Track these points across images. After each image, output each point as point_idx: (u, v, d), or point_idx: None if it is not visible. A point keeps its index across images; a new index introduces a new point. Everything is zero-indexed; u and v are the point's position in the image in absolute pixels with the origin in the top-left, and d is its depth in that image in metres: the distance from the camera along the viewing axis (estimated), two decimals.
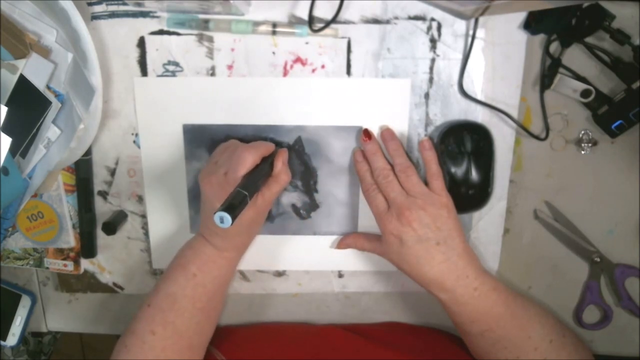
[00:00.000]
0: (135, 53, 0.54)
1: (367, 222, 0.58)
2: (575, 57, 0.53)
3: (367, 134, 0.54)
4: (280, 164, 0.51)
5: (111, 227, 0.56)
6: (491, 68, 0.53)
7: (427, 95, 0.55)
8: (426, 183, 0.51)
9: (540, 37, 0.53)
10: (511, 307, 0.50)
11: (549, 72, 0.53)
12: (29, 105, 0.51)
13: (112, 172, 0.58)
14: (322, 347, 0.57)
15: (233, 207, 0.42)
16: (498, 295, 0.50)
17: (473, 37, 0.52)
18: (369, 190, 0.52)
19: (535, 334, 0.51)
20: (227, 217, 0.41)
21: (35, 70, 0.50)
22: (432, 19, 0.52)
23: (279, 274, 0.61)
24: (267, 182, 0.51)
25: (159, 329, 0.51)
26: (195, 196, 0.58)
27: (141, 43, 0.53)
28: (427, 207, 0.48)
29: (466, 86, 0.54)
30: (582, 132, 0.56)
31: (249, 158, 0.47)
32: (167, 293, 0.52)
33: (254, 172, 0.48)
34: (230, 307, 0.63)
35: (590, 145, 0.56)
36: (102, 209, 0.59)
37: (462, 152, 0.53)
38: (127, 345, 0.51)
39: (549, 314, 0.54)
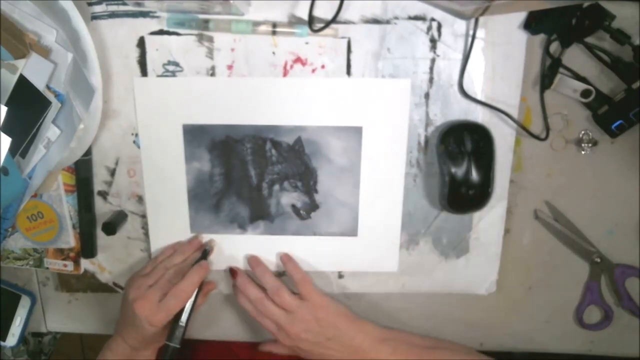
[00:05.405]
0: (135, 53, 0.54)
1: (367, 222, 0.58)
2: (575, 57, 0.53)
3: (232, 272, 0.59)
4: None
5: (111, 227, 0.56)
6: (491, 68, 0.53)
7: (427, 95, 0.55)
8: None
9: (540, 37, 0.53)
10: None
11: (549, 72, 0.53)
12: (29, 105, 0.51)
13: (112, 172, 0.58)
14: None
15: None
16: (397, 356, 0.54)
17: (473, 37, 0.52)
18: (256, 317, 0.57)
19: None
20: None
21: (35, 70, 0.50)
22: (432, 19, 0.52)
23: (279, 274, 0.61)
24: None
25: None
26: (195, 196, 0.58)
27: (141, 43, 0.53)
28: (306, 317, 0.54)
29: (466, 86, 0.54)
30: (582, 132, 0.56)
31: (187, 295, 0.53)
32: None
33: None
34: (231, 308, 0.63)
35: (590, 145, 0.56)
36: (102, 209, 0.59)
37: (462, 152, 0.53)
38: None
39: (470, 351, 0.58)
